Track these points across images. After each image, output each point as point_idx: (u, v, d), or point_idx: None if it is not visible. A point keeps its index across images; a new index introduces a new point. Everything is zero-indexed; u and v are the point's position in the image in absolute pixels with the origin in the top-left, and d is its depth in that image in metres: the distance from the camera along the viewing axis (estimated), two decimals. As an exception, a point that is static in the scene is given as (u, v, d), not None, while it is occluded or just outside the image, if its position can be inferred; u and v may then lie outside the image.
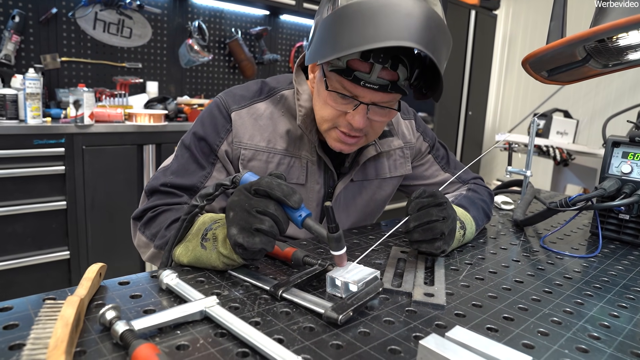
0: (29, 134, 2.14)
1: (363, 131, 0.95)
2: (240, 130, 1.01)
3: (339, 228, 0.69)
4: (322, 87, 0.92)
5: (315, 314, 0.65)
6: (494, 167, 5.80)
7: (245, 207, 0.70)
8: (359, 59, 0.84)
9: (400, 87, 0.88)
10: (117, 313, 0.57)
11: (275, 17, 3.69)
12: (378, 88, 0.86)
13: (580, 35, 0.70)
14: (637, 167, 1.10)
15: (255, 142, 1.02)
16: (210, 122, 1.02)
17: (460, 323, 0.65)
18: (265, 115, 1.04)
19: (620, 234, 1.15)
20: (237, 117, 1.02)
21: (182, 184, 0.97)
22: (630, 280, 0.88)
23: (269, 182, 0.70)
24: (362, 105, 0.89)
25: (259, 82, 1.09)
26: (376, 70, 0.84)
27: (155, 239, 0.89)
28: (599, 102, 4.65)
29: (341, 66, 0.86)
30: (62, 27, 2.71)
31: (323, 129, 0.98)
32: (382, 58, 0.83)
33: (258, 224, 0.68)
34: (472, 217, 1.04)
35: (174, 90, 3.25)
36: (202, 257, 0.77)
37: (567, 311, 0.71)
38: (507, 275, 0.86)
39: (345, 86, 0.88)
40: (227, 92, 1.06)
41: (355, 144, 0.98)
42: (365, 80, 0.85)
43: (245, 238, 0.69)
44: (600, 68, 0.93)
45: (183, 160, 1.00)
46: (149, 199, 0.97)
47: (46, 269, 2.30)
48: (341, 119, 0.93)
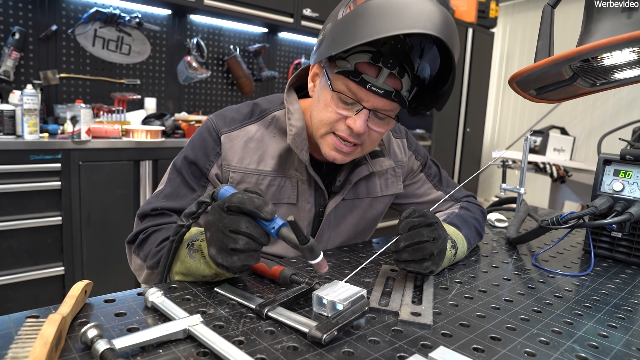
0: (26, 150, 2.14)
1: (361, 139, 0.95)
2: (229, 153, 1.02)
3: (309, 238, 0.69)
4: (325, 90, 0.93)
5: (300, 333, 0.64)
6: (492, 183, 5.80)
7: (220, 227, 0.70)
8: (368, 63, 0.87)
9: (402, 97, 0.91)
10: (98, 331, 0.56)
11: (274, 35, 3.73)
12: (383, 94, 0.88)
13: (562, 56, 0.71)
14: (629, 184, 1.11)
15: (244, 165, 1.02)
16: (200, 145, 1.03)
17: (447, 343, 0.64)
18: (256, 138, 1.04)
19: (613, 252, 1.14)
20: (227, 139, 1.02)
21: (174, 206, 0.98)
22: (621, 299, 0.87)
23: (241, 197, 0.70)
24: (364, 110, 0.90)
25: (251, 104, 1.10)
26: (383, 76, 0.87)
27: (147, 259, 0.90)
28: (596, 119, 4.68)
29: (349, 68, 0.88)
30: (61, 44, 2.74)
31: (320, 133, 0.97)
32: (391, 63, 0.86)
33: (232, 244, 0.69)
34: (464, 235, 1.04)
35: (172, 106, 3.27)
36: (192, 268, 0.78)
37: (556, 331, 0.71)
38: (497, 294, 0.85)
39: (350, 88, 0.90)
40: (218, 114, 1.07)
41: (350, 154, 0.98)
42: (372, 84, 0.87)
43: (223, 258, 0.70)
44: (588, 87, 0.94)
45: (175, 184, 1.01)
46: (142, 222, 0.98)
47: (41, 285, 2.28)
48: (340, 123, 0.94)
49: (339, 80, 0.91)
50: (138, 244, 0.93)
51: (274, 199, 1.04)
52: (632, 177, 1.10)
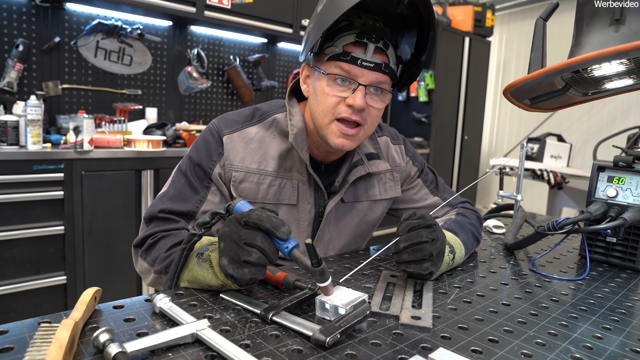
0: (29, 160, 2.17)
1: (362, 116, 0.99)
2: (231, 153, 1.05)
3: (322, 262, 0.72)
4: (320, 80, 1.00)
5: (304, 337, 0.66)
6: (490, 190, 5.83)
7: (235, 239, 0.73)
8: (354, 42, 0.95)
9: (392, 69, 0.98)
10: (110, 336, 0.59)
11: (273, 45, 3.77)
12: (374, 67, 0.95)
13: (554, 68, 0.74)
14: (622, 190, 1.13)
15: (246, 165, 1.05)
16: (203, 147, 1.06)
17: (446, 345, 0.66)
18: (257, 139, 1.08)
19: (608, 257, 1.17)
20: (229, 140, 1.06)
21: (179, 209, 1.00)
22: (616, 302, 0.90)
23: (259, 214, 0.74)
24: (360, 87, 0.96)
25: (252, 108, 1.14)
26: (370, 50, 0.94)
27: (155, 264, 0.92)
28: (592, 126, 4.72)
29: (338, 51, 0.95)
30: (64, 55, 2.77)
31: (325, 123, 1.01)
32: (375, 38, 0.95)
33: (246, 256, 0.72)
34: (462, 241, 1.07)
35: (173, 116, 3.30)
36: (199, 277, 0.81)
37: (552, 333, 0.73)
38: (494, 299, 0.88)
39: (343, 68, 0.96)
40: (220, 118, 1.11)
41: (355, 137, 1.02)
42: (362, 59, 0.94)
43: (234, 269, 0.73)
44: (580, 96, 0.97)
45: (179, 185, 1.04)
46: (148, 226, 1.00)
47: (43, 294, 2.29)
48: (341, 105, 0.99)
49: (331, 65, 0.97)
50: (146, 249, 0.96)
51: (275, 199, 1.07)
52: (626, 183, 1.13)
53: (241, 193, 1.05)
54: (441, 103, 4.30)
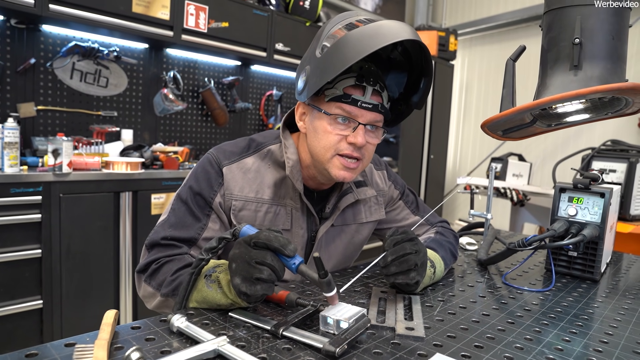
0: (6, 183, 2.15)
1: (361, 152, 1.08)
2: (231, 183, 1.12)
3: (328, 273, 0.80)
4: (321, 120, 1.07)
5: (314, 349, 0.74)
6: (456, 207, 6.06)
7: (246, 259, 0.81)
8: (354, 85, 1.02)
9: (386, 109, 1.07)
10: (141, 354, 0.64)
11: (247, 68, 3.86)
12: (372, 108, 1.04)
13: (525, 107, 0.86)
14: (581, 209, 1.27)
15: (245, 194, 1.12)
16: (204, 176, 1.12)
17: (439, 352, 0.75)
18: (253, 169, 1.15)
19: (570, 269, 1.30)
20: (228, 171, 1.12)
21: (181, 236, 1.06)
22: (579, 309, 1.01)
23: (268, 235, 0.82)
24: (360, 126, 1.05)
25: (247, 139, 1.21)
26: (368, 92, 1.03)
27: (161, 287, 0.97)
28: (549, 146, 5.03)
29: (339, 93, 1.03)
30: (39, 77, 2.76)
31: (327, 158, 1.08)
32: (372, 81, 1.02)
33: (258, 274, 0.80)
34: (441, 257, 1.17)
35: (148, 137, 3.32)
36: (209, 297, 0.87)
37: (528, 338, 0.83)
38: (475, 310, 0.98)
39: (344, 109, 1.04)
40: (217, 149, 1.17)
41: (355, 170, 1.10)
42: (362, 101, 1.02)
43: (247, 287, 0.80)
44: (545, 127, 1.10)
45: (180, 213, 1.09)
46: (150, 252, 1.05)
47: (16, 320, 2.25)
48: (342, 143, 1.06)
49: (332, 106, 1.05)
50: (150, 274, 1.00)
51: (270, 225, 1.14)
52: (584, 202, 1.26)
53: (240, 220, 1.11)
54: (409, 124, 4.49)
